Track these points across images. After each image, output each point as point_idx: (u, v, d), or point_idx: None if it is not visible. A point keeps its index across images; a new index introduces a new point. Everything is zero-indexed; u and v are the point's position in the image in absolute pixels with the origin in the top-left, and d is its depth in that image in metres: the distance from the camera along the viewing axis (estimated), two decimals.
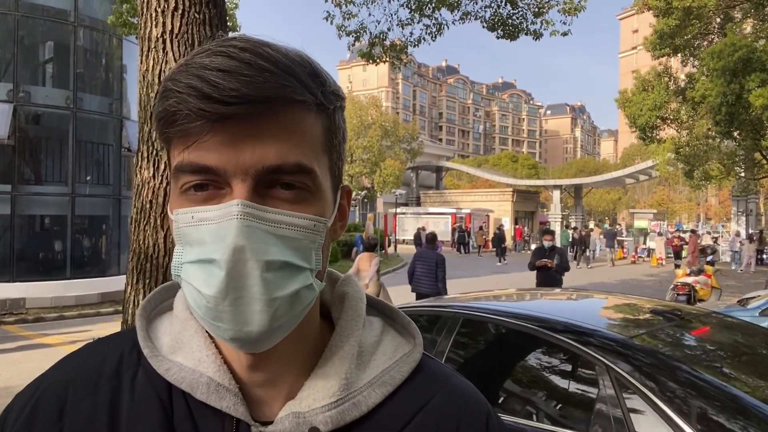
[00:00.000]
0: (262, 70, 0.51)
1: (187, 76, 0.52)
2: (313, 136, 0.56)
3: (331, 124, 0.59)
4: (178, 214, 0.55)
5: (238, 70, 0.51)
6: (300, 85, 0.54)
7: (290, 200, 0.55)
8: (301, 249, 0.55)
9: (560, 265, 8.74)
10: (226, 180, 0.53)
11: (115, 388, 0.61)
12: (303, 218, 0.55)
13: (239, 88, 0.50)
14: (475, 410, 0.66)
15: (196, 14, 2.88)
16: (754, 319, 6.78)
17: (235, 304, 0.52)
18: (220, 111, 0.51)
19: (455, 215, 36.65)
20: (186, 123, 0.52)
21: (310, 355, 0.63)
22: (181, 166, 0.54)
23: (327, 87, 0.57)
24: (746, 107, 12.32)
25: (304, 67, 0.55)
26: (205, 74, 0.51)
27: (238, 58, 0.51)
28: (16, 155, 12.12)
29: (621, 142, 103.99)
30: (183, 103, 0.51)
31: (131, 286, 2.95)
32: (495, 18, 8.49)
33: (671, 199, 60.98)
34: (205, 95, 0.51)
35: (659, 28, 16.15)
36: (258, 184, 0.53)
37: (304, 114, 0.55)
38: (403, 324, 0.72)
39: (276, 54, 0.53)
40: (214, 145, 0.52)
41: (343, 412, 0.59)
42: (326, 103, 0.57)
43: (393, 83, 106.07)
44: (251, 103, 0.51)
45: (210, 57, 0.52)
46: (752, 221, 28.67)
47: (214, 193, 0.54)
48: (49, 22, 12.78)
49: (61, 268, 12.66)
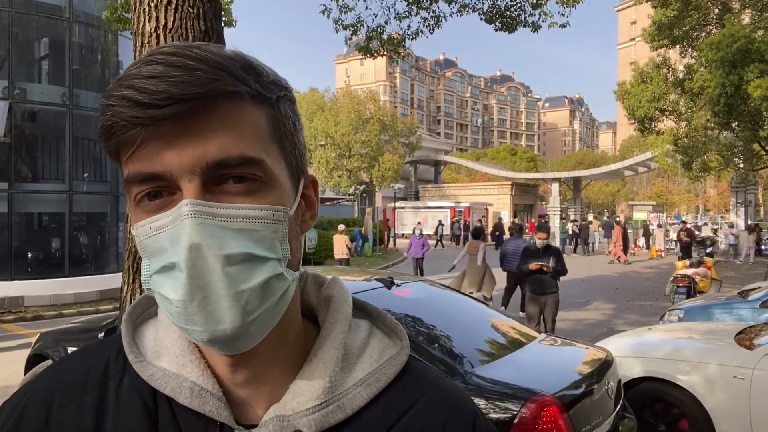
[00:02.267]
0: (191, 69, 0.51)
1: (120, 88, 0.52)
2: (256, 126, 0.56)
3: (276, 113, 0.58)
4: (137, 227, 0.55)
5: (166, 73, 0.51)
6: (231, 77, 0.53)
7: (243, 193, 0.54)
8: (263, 240, 0.55)
9: (556, 268, 7.53)
10: (174, 183, 0.53)
11: (101, 394, 0.62)
12: (258, 209, 0.54)
13: (168, 89, 0.50)
14: (461, 412, 0.66)
15: (189, 8, 2.84)
16: (755, 311, 6.78)
17: (203, 304, 0.52)
18: (153, 114, 0.51)
19: (454, 209, 36.67)
20: (122, 133, 0.52)
21: (294, 357, 0.63)
22: (130, 178, 0.54)
23: (264, 77, 0.57)
24: (745, 98, 12.31)
25: (235, 61, 0.55)
26: (135, 83, 0.51)
27: (166, 62, 0.52)
28: (12, 153, 12.07)
29: (620, 134, 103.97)
30: (117, 114, 0.52)
31: (127, 284, 2.93)
32: (493, 10, 8.44)
33: (670, 191, 61.03)
34: (137, 102, 0.51)
35: (657, 19, 16.11)
36: (207, 182, 0.53)
37: (241, 105, 0.54)
38: (390, 326, 0.72)
39: (204, 53, 0.53)
40: (155, 151, 0.52)
41: (328, 414, 0.59)
42: (265, 93, 0.56)
43: (391, 77, 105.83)
44: (183, 102, 0.51)
45: (140, 67, 0.52)
46: (751, 212, 28.68)
47: (167, 199, 0.54)
48: (44, 18, 12.71)
49: (59, 265, 12.64)
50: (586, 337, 9.06)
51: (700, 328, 5.79)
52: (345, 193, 38.49)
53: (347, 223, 26.48)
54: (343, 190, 38.14)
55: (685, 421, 4.38)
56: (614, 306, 12.52)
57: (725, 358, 4.37)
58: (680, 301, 9.49)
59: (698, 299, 8.57)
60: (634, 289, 15.16)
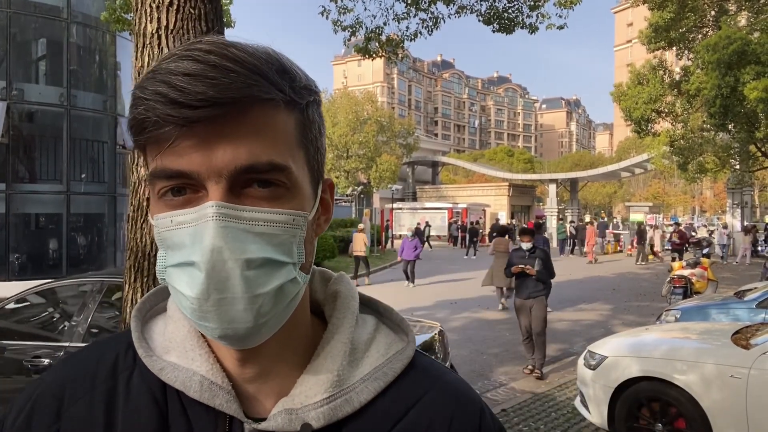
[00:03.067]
0: (228, 71, 0.52)
1: (154, 82, 0.52)
2: (285, 132, 0.57)
3: (304, 119, 0.59)
4: (158, 218, 0.56)
5: (203, 72, 0.51)
6: (267, 82, 0.54)
7: (267, 197, 0.55)
8: (282, 244, 0.55)
9: (542, 271, 7.18)
10: (201, 182, 0.54)
11: (111, 388, 0.63)
12: (281, 213, 0.55)
13: (205, 91, 0.51)
14: (468, 407, 0.67)
15: (191, 10, 2.85)
16: (752, 311, 6.81)
17: (218, 304, 0.53)
18: (188, 115, 0.51)
19: (452, 210, 36.66)
20: (155, 129, 0.52)
21: (301, 353, 0.64)
22: (156, 172, 0.55)
23: (297, 82, 0.57)
24: (741, 100, 12.34)
25: (271, 64, 0.55)
26: (171, 79, 0.51)
27: (203, 60, 0.52)
28: (9, 153, 12.05)
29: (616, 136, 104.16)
30: (151, 110, 0.52)
31: (129, 284, 2.93)
32: (491, 11, 8.46)
33: (666, 192, 61.12)
34: (172, 100, 0.51)
35: (654, 21, 16.14)
36: (233, 185, 0.54)
37: (273, 111, 0.55)
38: (397, 321, 0.73)
39: (241, 54, 0.53)
40: (186, 150, 0.53)
41: (336, 408, 0.60)
42: (297, 99, 0.57)
43: (388, 78, 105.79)
44: (218, 105, 0.51)
45: (176, 62, 0.52)
46: (747, 213, 28.74)
47: (192, 196, 0.55)
48: (42, 19, 12.70)
49: (57, 266, 12.62)
50: (584, 338, 9.10)
51: (697, 328, 5.82)
52: (343, 194, 38.46)
53: (345, 224, 26.48)
54: (340, 191, 38.09)
55: (683, 421, 4.40)
56: (611, 307, 12.55)
57: (722, 357, 4.39)
58: (677, 301, 9.53)
59: (695, 300, 8.60)
60: (632, 289, 15.19)
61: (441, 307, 12.22)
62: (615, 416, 4.74)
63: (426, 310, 11.91)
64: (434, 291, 14.64)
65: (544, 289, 7.26)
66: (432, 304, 12.59)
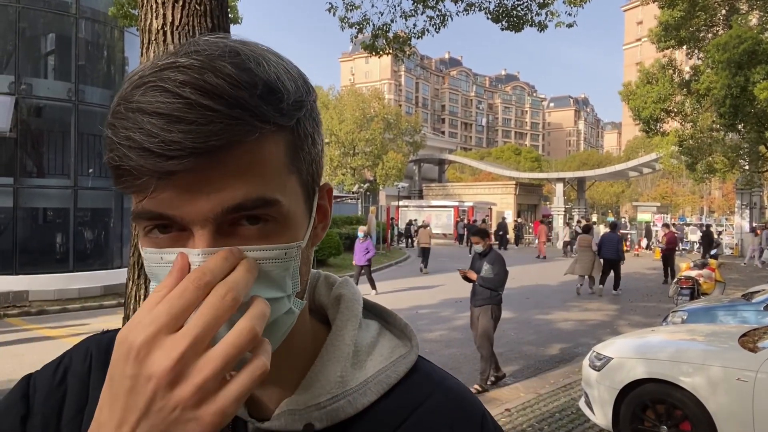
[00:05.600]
0: (205, 110, 0.46)
1: (125, 123, 0.48)
2: (273, 162, 0.52)
3: (295, 138, 0.54)
4: (147, 253, 0.54)
5: (177, 112, 0.46)
6: (251, 116, 0.48)
7: (257, 235, 0.52)
8: (275, 280, 0.53)
9: (485, 277, 6.35)
10: (185, 225, 0.51)
11: None
12: (270, 249, 0.52)
13: (181, 141, 0.46)
14: (469, 412, 0.67)
15: (196, 6, 2.85)
16: (759, 314, 6.76)
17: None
18: (163, 168, 0.47)
19: (458, 208, 36.63)
20: (131, 180, 0.49)
21: (302, 357, 0.64)
22: (139, 214, 0.51)
23: (285, 101, 0.51)
24: (751, 100, 12.25)
25: (255, 88, 0.49)
26: (143, 121, 0.47)
27: (177, 94, 0.46)
28: (18, 148, 12.11)
29: (624, 135, 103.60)
30: (124, 158, 0.48)
31: (132, 280, 2.94)
32: (499, 9, 8.41)
33: (675, 192, 60.81)
34: (146, 150, 0.46)
35: (664, 19, 16.04)
36: (220, 225, 0.50)
37: (260, 145, 0.50)
38: (400, 327, 0.73)
39: (220, 82, 0.47)
40: (167, 197, 0.49)
41: (338, 409, 0.60)
42: (286, 122, 0.52)
43: (396, 75, 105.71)
44: (196, 155, 0.46)
45: (147, 94, 0.47)
46: (756, 214, 28.55)
47: (179, 235, 0.51)
48: (51, 14, 12.74)
49: (63, 260, 12.68)
50: (590, 338, 9.06)
51: (704, 330, 5.78)
52: (349, 191, 38.47)
53: (350, 221, 26.49)
54: (346, 188, 38.12)
55: (688, 423, 4.37)
56: (618, 307, 12.50)
57: (728, 360, 4.36)
58: (684, 302, 9.47)
59: (702, 301, 8.55)
60: (638, 290, 15.13)
61: (446, 305, 12.21)
62: (620, 418, 4.72)
63: (430, 308, 11.91)
64: (439, 289, 14.63)
65: (490, 298, 6.42)
66: (437, 302, 12.59)
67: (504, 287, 6.53)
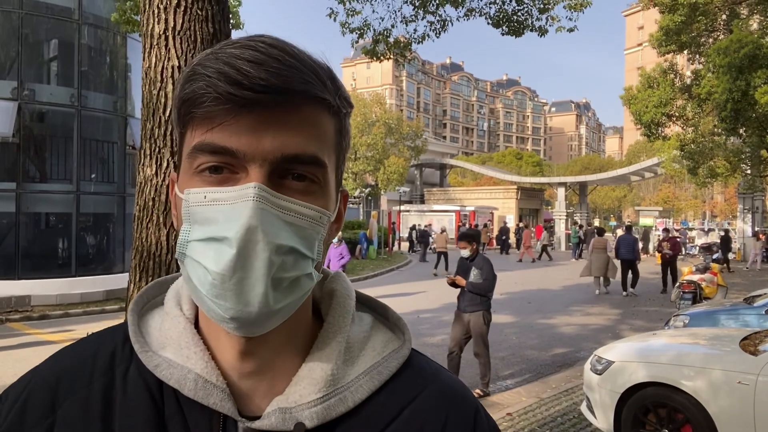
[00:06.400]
0: (289, 66, 0.55)
1: (217, 62, 0.54)
2: (327, 133, 0.60)
3: (342, 128, 0.63)
4: (189, 193, 0.57)
5: (266, 62, 0.54)
6: (321, 84, 0.57)
7: (300, 191, 0.57)
8: (307, 238, 0.57)
9: (474, 282, 6.18)
10: (243, 164, 0.55)
11: (108, 383, 0.62)
12: (311, 209, 0.57)
13: (267, 78, 0.53)
14: (463, 407, 0.67)
15: (198, 11, 2.86)
16: (761, 317, 6.74)
17: (240, 284, 0.53)
18: (248, 97, 0.53)
19: (459, 213, 36.59)
20: (213, 105, 0.54)
21: (300, 348, 0.64)
22: (201, 146, 0.56)
23: (341, 92, 0.61)
24: (752, 104, 12.24)
25: (324, 70, 0.59)
26: (236, 62, 0.54)
27: (266, 52, 0.55)
28: (20, 153, 12.16)
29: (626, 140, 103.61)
30: (212, 86, 0.54)
31: (134, 284, 2.94)
32: (500, 14, 8.44)
33: (677, 197, 60.73)
34: (235, 81, 0.53)
35: (665, 24, 16.04)
36: (273, 172, 0.56)
37: (322, 112, 0.59)
38: (393, 320, 0.73)
39: (302, 54, 0.57)
40: (238, 129, 0.55)
41: (330, 407, 0.60)
42: (341, 107, 0.61)
43: (397, 81, 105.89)
44: (277, 93, 0.54)
45: (240, 49, 0.55)
46: (758, 219, 28.49)
47: (229, 176, 0.56)
48: (53, 20, 12.81)
49: (66, 265, 12.70)
50: (591, 342, 9.04)
51: (705, 333, 5.77)
52: (350, 195, 38.45)
53: (352, 225, 26.49)
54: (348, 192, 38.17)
55: (689, 427, 4.36)
56: (620, 311, 12.48)
57: (730, 363, 4.35)
58: (686, 306, 9.45)
59: (704, 305, 8.53)
60: (640, 294, 15.10)
61: (447, 309, 12.18)
62: (621, 422, 4.70)
63: (432, 312, 11.89)
64: (440, 294, 14.60)
65: (481, 303, 6.29)
66: (438, 306, 12.57)
67: (493, 291, 6.43)
